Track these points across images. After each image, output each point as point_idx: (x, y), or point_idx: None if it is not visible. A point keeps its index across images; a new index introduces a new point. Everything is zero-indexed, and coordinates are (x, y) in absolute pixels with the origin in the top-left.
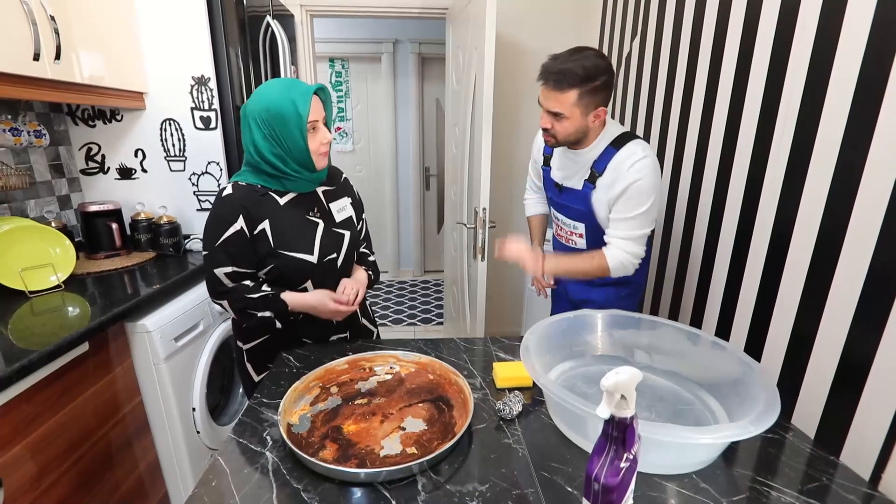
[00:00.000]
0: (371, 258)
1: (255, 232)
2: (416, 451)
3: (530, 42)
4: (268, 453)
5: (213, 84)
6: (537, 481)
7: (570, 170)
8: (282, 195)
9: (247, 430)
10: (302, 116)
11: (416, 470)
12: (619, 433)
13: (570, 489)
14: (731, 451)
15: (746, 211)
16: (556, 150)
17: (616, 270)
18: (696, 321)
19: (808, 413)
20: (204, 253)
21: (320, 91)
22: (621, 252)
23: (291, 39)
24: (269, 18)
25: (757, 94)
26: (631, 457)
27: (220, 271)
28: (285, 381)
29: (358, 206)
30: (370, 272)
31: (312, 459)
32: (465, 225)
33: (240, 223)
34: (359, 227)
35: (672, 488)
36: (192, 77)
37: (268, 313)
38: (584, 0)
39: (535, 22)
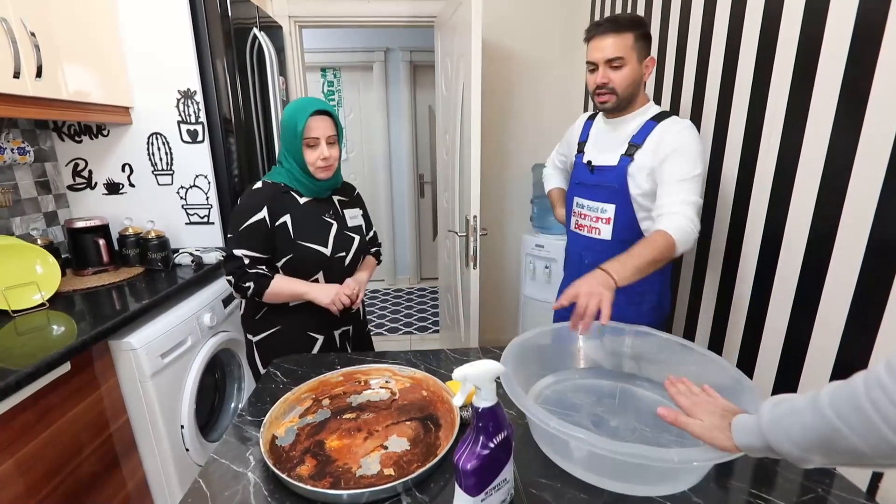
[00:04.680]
0: (378, 242)
1: (277, 223)
2: (392, 473)
3: (518, 48)
4: (250, 474)
5: (199, 97)
6: (525, 499)
7: (606, 145)
8: (301, 196)
9: (230, 449)
10: (297, 133)
11: (400, 489)
12: (481, 422)
13: None
14: (725, 463)
15: (736, 219)
16: (592, 131)
17: (681, 242)
18: (689, 333)
19: None
20: (228, 236)
21: (330, 112)
22: (682, 218)
23: (280, 50)
24: (255, 30)
25: (742, 105)
26: (492, 445)
27: (239, 252)
28: (270, 397)
29: (367, 218)
30: (376, 251)
31: (290, 480)
32: (457, 233)
33: (263, 213)
34: (368, 235)
35: None
36: (178, 90)
37: (250, 283)
38: (571, 4)
39: (522, 27)
